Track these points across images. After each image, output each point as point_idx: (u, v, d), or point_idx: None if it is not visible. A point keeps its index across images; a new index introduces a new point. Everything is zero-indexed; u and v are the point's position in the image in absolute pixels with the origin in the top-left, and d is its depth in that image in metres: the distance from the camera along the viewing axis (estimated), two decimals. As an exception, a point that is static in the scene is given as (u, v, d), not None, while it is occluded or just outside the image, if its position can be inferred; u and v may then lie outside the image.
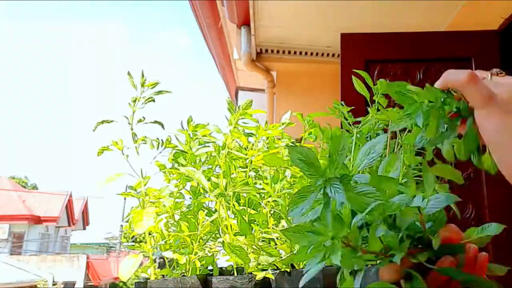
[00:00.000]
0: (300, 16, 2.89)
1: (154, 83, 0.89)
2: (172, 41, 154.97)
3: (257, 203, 0.88)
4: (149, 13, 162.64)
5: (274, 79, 3.60)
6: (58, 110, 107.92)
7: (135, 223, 0.79)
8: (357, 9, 2.73)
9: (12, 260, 16.76)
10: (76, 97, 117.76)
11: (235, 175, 0.85)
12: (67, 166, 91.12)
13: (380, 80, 0.74)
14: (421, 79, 2.28)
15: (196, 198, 0.90)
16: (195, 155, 0.91)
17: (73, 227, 24.54)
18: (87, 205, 26.32)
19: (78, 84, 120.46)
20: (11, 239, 20.51)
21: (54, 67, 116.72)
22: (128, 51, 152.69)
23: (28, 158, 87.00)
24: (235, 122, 0.87)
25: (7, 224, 20.21)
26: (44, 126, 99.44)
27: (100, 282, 19.84)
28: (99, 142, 0.87)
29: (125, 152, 0.86)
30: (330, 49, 3.24)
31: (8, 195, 20.87)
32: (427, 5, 2.60)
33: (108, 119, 0.86)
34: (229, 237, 0.80)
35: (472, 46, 2.28)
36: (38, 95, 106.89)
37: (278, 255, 0.76)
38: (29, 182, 34.36)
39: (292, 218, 0.47)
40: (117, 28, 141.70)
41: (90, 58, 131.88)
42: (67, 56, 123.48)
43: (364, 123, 0.79)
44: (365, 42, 2.35)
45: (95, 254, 24.09)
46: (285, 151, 0.89)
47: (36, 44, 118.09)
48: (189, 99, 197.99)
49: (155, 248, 0.87)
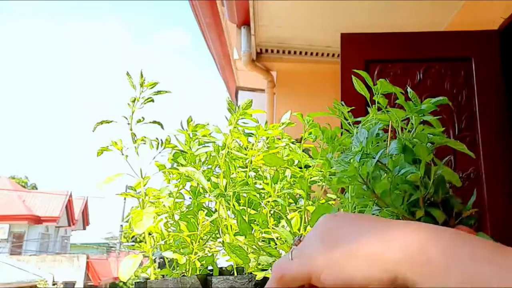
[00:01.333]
0: (300, 16, 2.89)
1: (153, 83, 0.88)
2: (172, 41, 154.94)
3: (257, 203, 0.88)
4: (149, 13, 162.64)
5: (274, 79, 3.60)
6: (58, 109, 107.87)
7: (134, 223, 0.79)
8: (357, 9, 2.73)
9: (12, 260, 16.75)
10: (76, 97, 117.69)
11: (235, 175, 0.85)
12: (67, 166, 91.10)
13: (380, 80, 0.74)
14: (421, 79, 2.28)
15: (196, 198, 0.90)
16: (194, 155, 0.91)
17: (73, 227, 24.53)
18: (87, 205, 26.32)
19: (78, 83, 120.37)
20: (11, 239, 20.50)
21: (53, 66, 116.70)
22: (128, 50, 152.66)
23: (28, 158, 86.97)
24: (235, 122, 0.87)
25: (7, 224, 20.20)
26: (44, 126, 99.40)
27: (100, 282, 19.83)
28: (99, 142, 0.87)
29: (125, 152, 0.86)
30: (330, 49, 3.24)
31: (8, 195, 20.86)
32: (427, 5, 2.60)
33: (107, 120, 0.85)
34: (229, 237, 0.80)
35: (472, 46, 2.27)
36: (38, 94, 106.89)
37: (278, 255, 0.76)
38: (29, 182, 34.35)
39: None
40: (117, 27, 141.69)
41: (90, 57, 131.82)
42: (67, 55, 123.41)
43: (364, 123, 0.79)
44: (365, 42, 2.35)
45: (95, 254, 24.09)
46: (285, 151, 0.89)
47: (35, 43, 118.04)
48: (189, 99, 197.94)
49: (155, 248, 0.87)
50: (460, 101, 2.23)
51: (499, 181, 2.08)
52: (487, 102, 2.21)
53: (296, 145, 0.89)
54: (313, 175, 0.81)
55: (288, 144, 0.90)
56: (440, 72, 2.28)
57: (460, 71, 2.26)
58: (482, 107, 2.20)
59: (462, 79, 2.25)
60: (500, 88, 2.22)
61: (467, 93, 2.24)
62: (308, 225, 0.79)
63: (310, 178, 0.81)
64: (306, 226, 0.80)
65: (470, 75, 2.25)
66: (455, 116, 2.22)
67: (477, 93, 2.22)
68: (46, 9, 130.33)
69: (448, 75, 2.27)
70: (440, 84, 2.26)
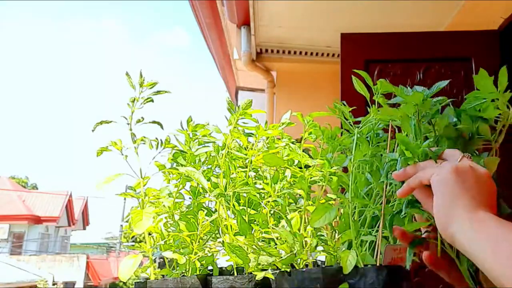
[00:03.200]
0: (300, 16, 2.89)
1: (153, 83, 0.88)
2: (171, 40, 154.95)
3: (257, 203, 0.88)
4: (149, 13, 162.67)
5: (274, 79, 3.60)
6: (58, 109, 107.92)
7: (134, 223, 0.79)
8: (357, 9, 2.72)
9: (12, 260, 16.75)
10: (76, 97, 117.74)
11: (235, 175, 0.85)
12: (67, 166, 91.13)
13: (380, 80, 0.74)
14: (421, 79, 2.28)
15: (195, 198, 0.90)
16: (194, 155, 0.91)
17: (73, 227, 24.52)
18: (87, 205, 26.32)
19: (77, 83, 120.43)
20: (11, 239, 20.50)
21: (53, 66, 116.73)
22: (127, 50, 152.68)
23: (28, 158, 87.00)
24: (235, 122, 0.87)
25: (7, 224, 20.20)
26: (44, 126, 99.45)
27: (100, 282, 19.84)
28: (99, 142, 0.87)
29: (124, 152, 0.86)
30: (330, 49, 3.24)
31: (8, 195, 20.86)
32: (427, 5, 2.60)
33: (107, 120, 0.85)
34: (229, 237, 0.80)
35: (472, 46, 2.27)
36: (38, 94, 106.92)
37: (278, 255, 0.76)
38: (29, 182, 34.35)
39: None
40: (116, 27, 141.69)
41: (89, 57, 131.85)
42: (66, 55, 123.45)
43: (364, 123, 0.79)
44: (365, 42, 2.35)
45: (95, 254, 24.09)
46: (285, 151, 0.89)
47: (34, 43, 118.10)
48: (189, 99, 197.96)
49: (155, 248, 0.87)
50: (460, 101, 2.23)
51: (499, 181, 2.07)
52: (487, 102, 2.21)
53: (296, 145, 0.89)
54: (313, 175, 0.81)
55: (288, 144, 0.90)
56: (440, 72, 2.27)
57: (460, 71, 2.26)
58: (482, 107, 2.20)
59: (462, 79, 2.25)
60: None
61: (467, 93, 2.24)
62: (308, 225, 0.79)
63: (310, 178, 0.81)
64: (306, 226, 0.80)
65: (470, 75, 2.25)
66: (455, 116, 2.21)
67: (477, 93, 2.22)
68: (46, 9, 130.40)
69: (448, 75, 2.27)
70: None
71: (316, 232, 0.81)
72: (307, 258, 0.75)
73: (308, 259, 0.75)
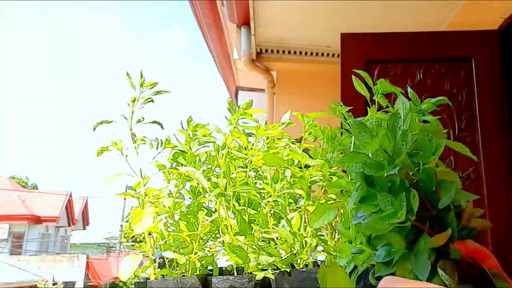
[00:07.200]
0: (300, 16, 2.89)
1: (153, 83, 0.88)
2: (171, 40, 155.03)
3: (257, 203, 0.88)
4: (149, 12, 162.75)
5: (274, 79, 3.60)
6: (58, 109, 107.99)
7: (134, 223, 0.79)
8: (357, 9, 2.73)
9: (12, 260, 16.76)
10: (76, 97, 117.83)
11: (235, 175, 0.85)
12: (67, 166, 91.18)
13: (380, 80, 0.74)
14: (421, 79, 2.28)
15: (196, 198, 0.90)
16: (194, 155, 0.91)
17: (73, 227, 24.53)
18: (87, 205, 26.32)
19: (77, 83, 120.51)
20: (11, 239, 20.51)
21: (52, 66, 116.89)
22: (127, 50, 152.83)
23: (28, 158, 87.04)
24: (235, 122, 0.87)
25: (7, 224, 20.21)
26: (44, 126, 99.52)
27: (100, 282, 19.84)
28: (99, 141, 0.87)
29: (125, 152, 0.86)
30: (330, 49, 3.24)
31: (8, 195, 20.87)
32: (427, 5, 2.60)
33: (107, 120, 0.85)
34: (229, 237, 0.80)
35: (472, 46, 2.27)
36: (37, 94, 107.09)
37: (278, 255, 0.76)
38: (29, 182, 34.37)
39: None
40: (116, 26, 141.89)
41: (89, 57, 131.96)
42: (66, 55, 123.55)
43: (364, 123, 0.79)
44: (365, 42, 2.35)
45: (95, 254, 24.09)
46: (285, 151, 0.89)
47: (33, 43, 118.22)
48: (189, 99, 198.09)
49: (155, 248, 0.87)
50: (460, 101, 2.23)
51: (499, 181, 2.08)
52: (487, 102, 2.21)
53: (296, 145, 0.89)
54: (313, 175, 0.81)
55: (288, 144, 0.90)
56: (440, 72, 2.28)
57: (460, 71, 2.26)
58: (482, 107, 2.20)
59: (462, 79, 2.25)
60: (500, 88, 2.22)
61: (467, 93, 2.24)
62: (308, 225, 0.79)
63: (310, 178, 0.81)
64: (306, 226, 0.80)
65: (470, 75, 2.25)
66: (455, 116, 2.22)
67: (477, 93, 2.22)
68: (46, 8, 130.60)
69: (448, 75, 2.27)
70: (440, 84, 2.26)
71: (316, 232, 0.81)
72: (307, 258, 0.75)
73: (308, 259, 0.75)
